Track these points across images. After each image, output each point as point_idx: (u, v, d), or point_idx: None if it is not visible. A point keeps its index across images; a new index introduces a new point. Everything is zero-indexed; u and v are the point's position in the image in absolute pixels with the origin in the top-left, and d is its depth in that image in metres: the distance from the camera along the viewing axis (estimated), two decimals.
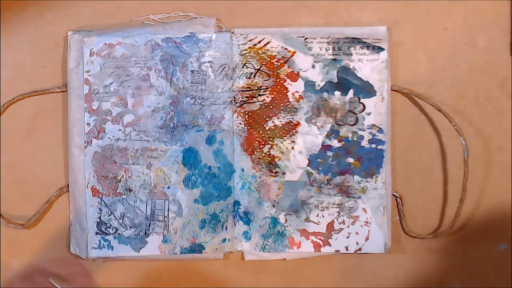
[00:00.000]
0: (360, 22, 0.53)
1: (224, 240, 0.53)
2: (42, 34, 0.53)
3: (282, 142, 0.53)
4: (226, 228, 0.53)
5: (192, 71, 0.52)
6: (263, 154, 0.53)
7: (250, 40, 0.52)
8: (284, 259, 0.54)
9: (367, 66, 0.52)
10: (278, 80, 0.52)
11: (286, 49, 0.52)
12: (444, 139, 0.54)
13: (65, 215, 0.54)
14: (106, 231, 0.52)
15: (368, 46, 0.52)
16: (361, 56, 0.52)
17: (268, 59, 0.52)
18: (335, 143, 0.53)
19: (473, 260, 0.54)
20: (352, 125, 0.52)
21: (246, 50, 0.52)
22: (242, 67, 0.52)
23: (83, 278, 0.48)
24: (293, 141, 0.53)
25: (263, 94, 0.52)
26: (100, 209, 0.52)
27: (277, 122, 0.53)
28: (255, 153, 0.53)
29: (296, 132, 0.53)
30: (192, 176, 0.53)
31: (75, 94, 0.52)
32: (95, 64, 0.52)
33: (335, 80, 0.52)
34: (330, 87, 0.52)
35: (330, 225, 0.53)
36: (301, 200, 0.53)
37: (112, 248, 0.52)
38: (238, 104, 0.52)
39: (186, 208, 0.53)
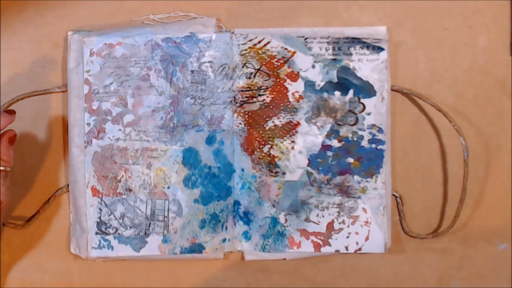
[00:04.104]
0: (360, 22, 0.53)
1: (224, 240, 0.53)
2: (42, 34, 0.53)
3: (282, 142, 0.53)
4: (226, 228, 0.53)
5: (192, 71, 0.52)
6: (263, 154, 0.53)
7: (250, 40, 0.52)
8: (284, 259, 0.54)
9: (367, 66, 0.52)
10: (278, 80, 0.52)
11: (286, 49, 0.52)
12: (444, 139, 0.54)
13: (65, 215, 0.54)
14: (106, 231, 0.52)
15: (368, 46, 0.52)
16: (361, 56, 0.52)
17: (268, 59, 0.52)
18: (335, 143, 0.53)
19: (473, 260, 0.54)
20: (352, 125, 0.52)
21: (246, 50, 0.52)
22: (242, 67, 0.52)
23: None
24: (293, 141, 0.53)
25: (263, 94, 0.52)
26: (100, 209, 0.52)
27: (277, 122, 0.53)
28: (255, 153, 0.53)
29: (296, 132, 0.53)
30: (192, 176, 0.53)
31: (75, 94, 0.52)
32: (95, 64, 0.52)
33: (335, 80, 0.52)
34: (330, 87, 0.52)
35: (330, 225, 0.53)
36: (301, 200, 0.53)
37: (112, 248, 0.52)
38: (238, 104, 0.52)
39: (186, 208, 0.53)
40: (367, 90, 0.52)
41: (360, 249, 0.53)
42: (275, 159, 0.53)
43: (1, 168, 0.47)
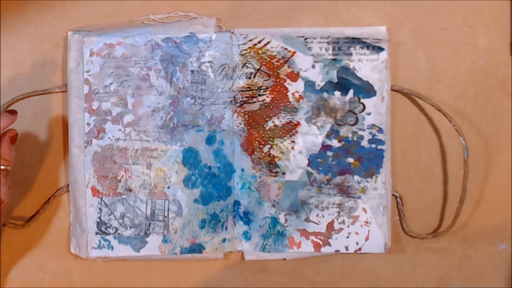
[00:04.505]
0: (360, 22, 0.53)
1: (224, 240, 0.53)
2: (42, 34, 0.53)
3: (282, 142, 0.53)
4: (226, 228, 0.53)
5: (192, 71, 0.52)
6: (263, 154, 0.53)
7: (250, 40, 0.52)
8: (284, 259, 0.54)
9: (367, 66, 0.52)
10: (278, 80, 0.52)
11: (286, 49, 0.52)
12: (444, 139, 0.54)
13: (65, 215, 0.54)
14: (106, 231, 0.52)
15: (368, 46, 0.52)
16: (361, 56, 0.52)
17: (268, 59, 0.52)
18: (335, 143, 0.53)
19: (473, 260, 0.54)
20: (352, 125, 0.52)
21: (246, 50, 0.52)
22: (242, 67, 0.52)
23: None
24: (293, 141, 0.53)
25: (263, 94, 0.52)
26: (100, 209, 0.52)
27: (277, 122, 0.53)
28: (255, 153, 0.53)
29: (296, 132, 0.53)
30: (192, 176, 0.53)
31: (75, 94, 0.52)
32: (95, 64, 0.52)
33: (335, 80, 0.52)
34: (330, 87, 0.52)
35: (330, 225, 0.53)
36: (301, 200, 0.53)
37: (112, 248, 0.52)
38: (238, 104, 0.52)
39: (186, 208, 0.53)
40: (367, 90, 0.52)
41: (360, 249, 0.53)
42: (275, 159, 0.53)
43: (2, 167, 0.47)
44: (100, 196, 0.52)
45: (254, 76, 0.52)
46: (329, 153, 0.53)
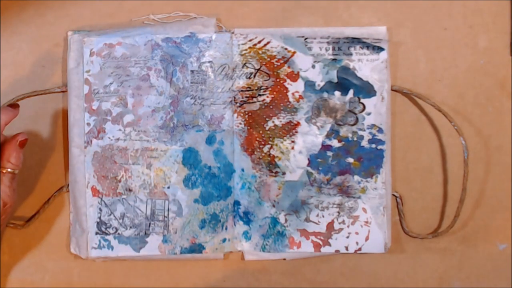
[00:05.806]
0: (360, 22, 0.53)
1: (224, 240, 0.53)
2: (42, 34, 0.53)
3: (282, 142, 0.53)
4: (226, 228, 0.53)
5: (192, 71, 0.52)
6: (263, 154, 0.53)
7: (250, 40, 0.52)
8: (284, 259, 0.54)
9: (367, 66, 0.52)
10: (278, 80, 0.52)
11: (286, 49, 0.52)
12: (444, 139, 0.54)
13: (65, 215, 0.54)
14: (106, 231, 0.52)
15: (368, 46, 0.52)
16: (361, 56, 0.52)
17: (268, 59, 0.52)
18: (335, 143, 0.53)
19: (473, 260, 0.54)
20: (352, 125, 0.52)
21: (246, 50, 0.52)
22: (242, 67, 0.52)
23: None
24: (293, 141, 0.53)
25: (263, 94, 0.52)
26: (100, 209, 0.52)
27: (277, 122, 0.53)
28: (255, 153, 0.53)
29: (296, 132, 0.53)
30: (192, 176, 0.53)
31: (75, 94, 0.52)
32: (95, 64, 0.52)
33: (335, 80, 0.52)
34: (330, 87, 0.52)
35: (330, 225, 0.53)
36: (301, 200, 0.53)
37: (112, 248, 0.52)
38: (238, 104, 0.52)
39: (186, 208, 0.53)
40: (367, 90, 0.52)
41: (360, 249, 0.53)
42: (275, 159, 0.53)
43: (9, 170, 0.47)
44: (100, 196, 0.52)
45: (254, 76, 0.52)
46: (329, 153, 0.53)
